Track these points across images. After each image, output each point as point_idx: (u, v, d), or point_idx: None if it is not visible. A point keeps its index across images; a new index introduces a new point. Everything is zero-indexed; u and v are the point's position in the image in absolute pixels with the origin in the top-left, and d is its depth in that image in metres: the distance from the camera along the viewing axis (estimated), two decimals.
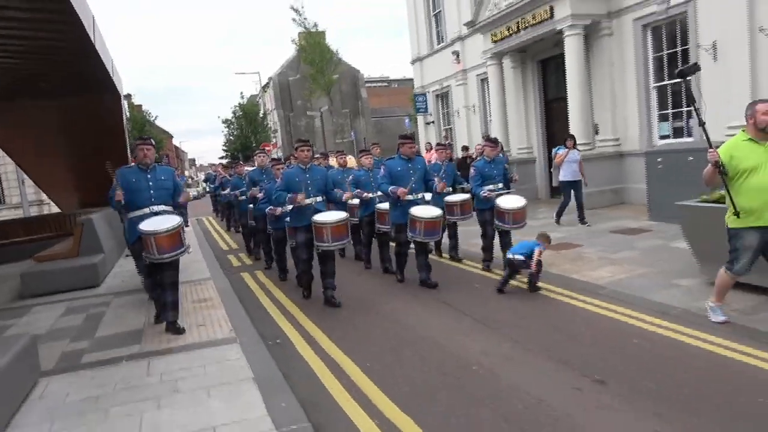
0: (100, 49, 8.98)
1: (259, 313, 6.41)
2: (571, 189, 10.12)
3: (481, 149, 8.42)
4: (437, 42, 19.71)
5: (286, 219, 7.14)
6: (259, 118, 42.38)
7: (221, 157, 47.67)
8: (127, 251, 10.58)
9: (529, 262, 6.20)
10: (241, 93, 48.79)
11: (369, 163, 8.43)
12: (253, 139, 40.37)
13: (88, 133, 11.85)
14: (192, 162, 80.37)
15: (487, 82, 15.93)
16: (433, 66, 20.00)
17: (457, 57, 17.80)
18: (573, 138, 10.43)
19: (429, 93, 20.65)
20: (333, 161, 11.59)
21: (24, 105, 11.33)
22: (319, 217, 6.19)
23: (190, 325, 5.68)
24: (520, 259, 6.24)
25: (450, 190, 8.02)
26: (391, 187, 6.72)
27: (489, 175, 7.38)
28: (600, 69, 12.40)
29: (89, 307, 7.05)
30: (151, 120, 40.62)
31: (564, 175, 10.15)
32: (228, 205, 13.94)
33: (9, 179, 24.32)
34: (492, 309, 5.75)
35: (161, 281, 5.50)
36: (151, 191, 5.51)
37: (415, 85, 21.67)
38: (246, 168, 11.35)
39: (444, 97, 20.12)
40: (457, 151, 16.58)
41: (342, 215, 6.28)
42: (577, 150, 10.44)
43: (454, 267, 7.99)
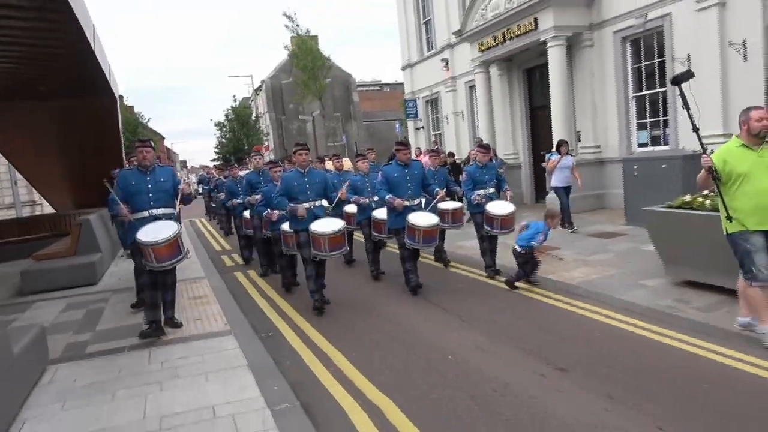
0: (99, 55, 9.31)
1: (252, 308, 6.77)
2: (564, 193, 10.27)
3: (475, 154, 8.77)
4: (427, 49, 20.16)
5: (283, 224, 7.14)
6: (252, 121, 42.68)
7: (213, 159, 47.90)
8: (122, 252, 10.92)
9: (528, 253, 6.56)
10: (234, 96, 48.96)
11: (365, 167, 8.50)
12: (246, 142, 40.67)
13: (84, 135, 12.14)
14: (183, 163, 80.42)
15: (475, 89, 16.38)
16: (423, 72, 20.45)
17: (446, 64, 18.24)
18: (566, 144, 10.59)
19: (419, 99, 21.09)
20: (329, 164, 11.63)
21: (22, 107, 11.60)
22: (316, 227, 6.19)
23: (187, 320, 6.02)
24: (517, 250, 6.65)
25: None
26: (389, 197, 6.79)
27: (480, 180, 7.52)
28: (582, 79, 12.88)
29: (89, 303, 7.37)
30: (144, 122, 40.83)
31: (556, 181, 10.30)
32: (224, 208, 14.07)
33: (2, 180, 24.41)
34: (470, 306, 6.14)
35: (162, 282, 5.61)
36: (150, 194, 5.53)
37: (406, 90, 22.11)
38: (240, 172, 11.51)
39: (433, 103, 20.57)
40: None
41: (339, 225, 6.29)
42: (571, 155, 10.60)
43: (440, 269, 8.38)
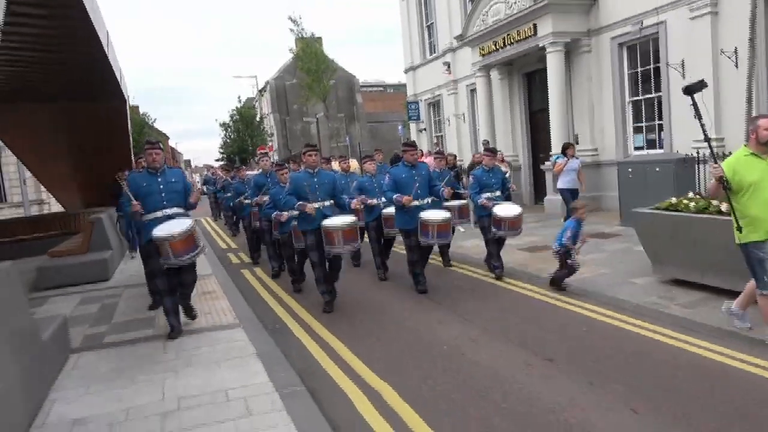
0: (112, 60, 9.67)
1: (259, 304, 7.11)
2: (570, 195, 10.33)
3: (480, 158, 8.99)
4: (430, 53, 20.50)
5: (293, 223, 7.16)
6: (256, 121, 43.10)
7: (218, 159, 48.35)
8: (130, 254, 11.22)
9: (564, 252, 6.55)
10: (239, 97, 49.47)
11: (372, 169, 8.54)
12: (250, 143, 41.07)
13: (94, 137, 12.50)
14: (188, 163, 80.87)
15: (476, 93, 16.71)
16: (425, 75, 20.79)
17: (448, 68, 18.56)
18: (572, 146, 10.65)
19: (421, 101, 21.42)
20: (335, 165, 11.68)
21: (33, 108, 11.98)
22: (328, 222, 6.23)
23: (197, 314, 6.35)
24: (554, 249, 6.71)
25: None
26: (396, 195, 6.85)
27: (487, 184, 7.55)
28: (580, 83, 13.20)
29: (103, 298, 7.72)
30: (149, 123, 41.29)
31: (562, 183, 10.41)
32: (230, 209, 13.88)
33: (11, 178, 24.85)
34: (466, 303, 6.46)
35: (183, 281, 5.70)
36: (163, 194, 5.57)
37: (408, 93, 22.45)
38: (248, 172, 11.71)
39: (435, 106, 20.90)
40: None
41: (351, 218, 6.37)
42: (576, 158, 10.67)
43: (441, 268, 8.68)
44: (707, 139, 4.67)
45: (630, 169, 10.31)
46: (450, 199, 7.75)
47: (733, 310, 4.90)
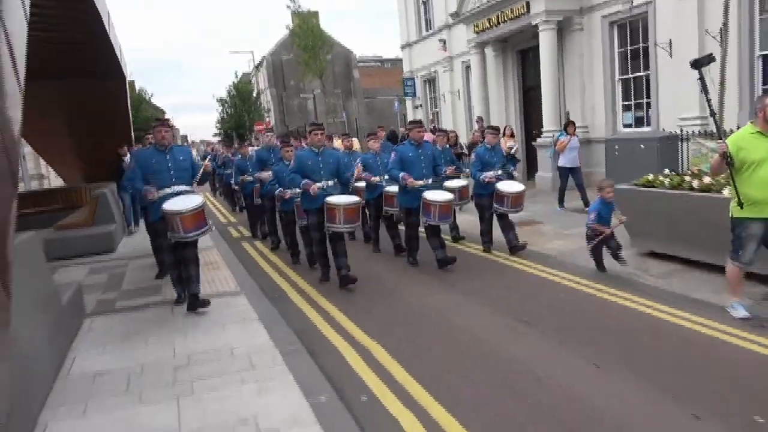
0: (113, 39, 9.90)
1: (259, 274, 7.52)
2: (569, 174, 10.39)
3: (480, 135, 9.15)
4: (426, 29, 20.59)
5: (296, 200, 7.24)
6: (253, 97, 43.11)
7: (215, 134, 48.39)
8: (130, 230, 11.51)
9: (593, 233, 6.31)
10: (236, 72, 49.29)
11: (376, 146, 8.54)
12: (247, 119, 41.15)
13: (95, 114, 12.76)
14: (184, 138, 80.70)
15: (471, 70, 16.90)
16: (421, 52, 20.91)
17: (444, 45, 18.71)
18: (574, 124, 10.63)
19: (417, 78, 21.59)
20: (338, 143, 11.67)
21: (34, 85, 12.18)
22: (331, 198, 6.28)
23: (201, 282, 6.74)
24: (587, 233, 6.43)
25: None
26: (402, 174, 6.82)
27: (489, 162, 7.52)
28: (571, 61, 13.43)
29: (110, 269, 8.12)
30: (147, 98, 41.28)
31: (564, 162, 10.35)
32: (230, 185, 13.63)
33: None
34: (454, 274, 6.85)
35: (184, 257, 5.69)
36: (172, 172, 5.62)
37: (405, 69, 22.59)
38: (251, 149, 11.45)
39: (431, 82, 21.08)
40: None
41: (355, 198, 6.43)
42: (577, 137, 10.63)
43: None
44: (713, 114, 4.79)
45: (617, 147, 10.67)
46: (451, 178, 7.86)
47: (735, 305, 4.79)
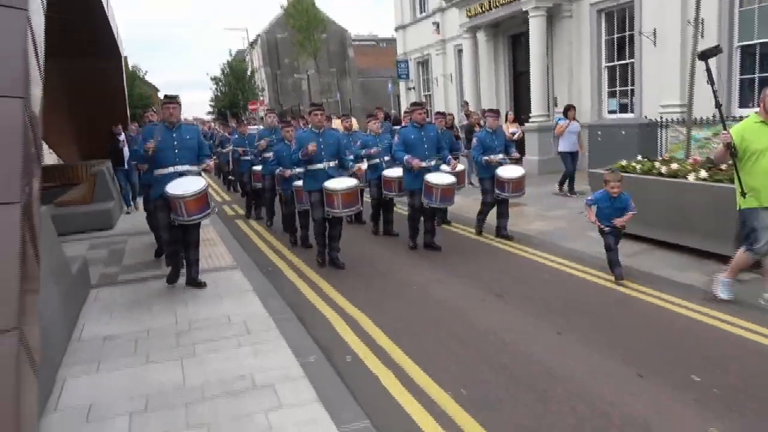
0: (111, 19, 10.11)
1: (253, 250, 7.91)
2: (570, 158, 10.42)
3: (479, 118, 9.14)
4: (420, 11, 20.75)
5: (296, 182, 7.31)
6: (248, 76, 43.06)
7: (209, 112, 48.32)
8: (127, 209, 11.75)
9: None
10: (230, 50, 49.05)
11: (376, 128, 8.52)
12: (241, 97, 41.15)
13: (92, 92, 12.95)
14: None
15: (463, 53, 17.15)
16: (415, 34, 21.09)
17: (437, 28, 18.91)
18: (574, 108, 10.62)
19: (411, 60, 21.80)
20: (337, 124, 11.64)
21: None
22: (330, 183, 6.30)
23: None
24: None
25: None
26: (407, 156, 6.85)
27: (490, 146, 7.50)
28: (560, 48, 13.74)
29: (110, 244, 8.48)
30: (141, 76, 41.14)
31: (563, 146, 10.39)
32: (228, 164, 13.90)
33: None
34: (441, 253, 7.26)
35: (186, 240, 5.75)
36: (176, 150, 5.57)
37: (398, 51, 22.77)
38: (250, 128, 11.34)
39: (424, 65, 21.30)
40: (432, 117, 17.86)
41: (353, 182, 6.43)
42: (577, 121, 10.65)
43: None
44: (718, 105, 4.85)
45: (599, 132, 11.06)
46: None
47: (725, 283, 4.91)
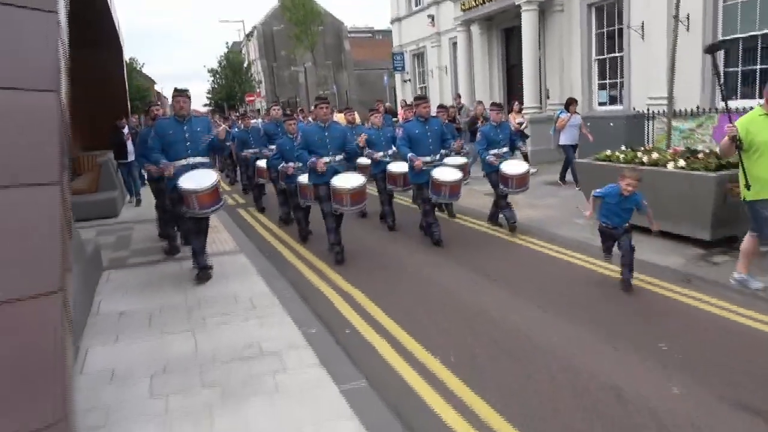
0: (113, 11, 10.38)
1: (255, 236, 8.25)
2: (572, 151, 10.41)
3: (481, 110, 9.13)
4: (415, 4, 21.03)
5: (299, 178, 7.26)
6: (244, 68, 43.21)
7: (205, 104, 48.46)
8: (129, 199, 11.99)
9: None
10: (227, 43, 49.15)
11: (378, 121, 8.52)
12: (238, 89, 41.31)
13: (93, 84, 13.21)
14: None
15: (458, 46, 17.47)
16: (410, 27, 21.38)
17: (432, 20, 19.21)
18: (575, 102, 10.68)
19: (406, 52, 22.08)
20: (339, 117, 11.67)
21: None
22: (337, 182, 6.29)
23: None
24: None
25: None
26: (410, 155, 6.80)
27: (494, 140, 7.47)
28: (552, 41, 14.07)
29: (117, 231, 8.81)
30: (138, 68, 41.27)
31: (565, 140, 10.44)
32: (230, 158, 13.98)
33: None
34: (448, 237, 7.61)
35: (198, 228, 5.88)
36: (188, 143, 5.66)
37: (394, 44, 23.05)
38: (253, 121, 11.47)
39: (420, 57, 21.60)
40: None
41: (360, 180, 6.42)
42: (578, 114, 10.72)
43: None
44: (724, 98, 5.00)
45: (589, 124, 11.36)
46: (458, 153, 7.86)
47: (737, 276, 5.02)
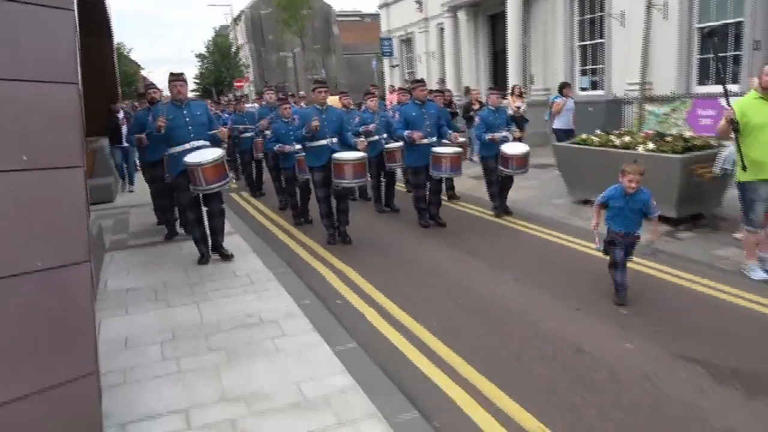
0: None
1: (248, 218, 8.61)
2: (564, 135, 10.33)
3: (477, 95, 9.30)
4: None
5: (297, 155, 7.39)
6: (232, 53, 43.09)
7: (193, 90, 48.23)
8: (128, 188, 12.11)
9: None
10: (215, 28, 48.86)
11: (374, 105, 8.55)
12: (226, 74, 41.24)
13: (85, 71, 13.34)
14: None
15: (444, 32, 17.75)
16: (398, 12, 21.59)
17: (420, 6, 19.43)
18: (569, 86, 10.75)
19: (394, 38, 22.31)
20: (333, 101, 11.39)
21: None
22: (339, 155, 6.33)
23: None
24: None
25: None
26: (407, 132, 6.87)
27: (493, 124, 7.48)
28: (536, 27, 14.42)
29: (114, 215, 9.12)
30: (125, 53, 41.01)
31: (559, 124, 10.51)
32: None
33: None
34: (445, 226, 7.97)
35: (211, 210, 5.92)
36: (189, 126, 5.70)
37: (382, 29, 23.26)
38: (247, 105, 11.41)
39: (408, 42, 21.84)
40: None
41: (361, 154, 6.46)
42: (572, 99, 10.73)
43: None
44: (723, 82, 5.17)
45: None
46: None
47: (752, 267, 5.03)
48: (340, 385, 3.36)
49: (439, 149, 7.00)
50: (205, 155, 5.55)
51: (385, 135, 8.05)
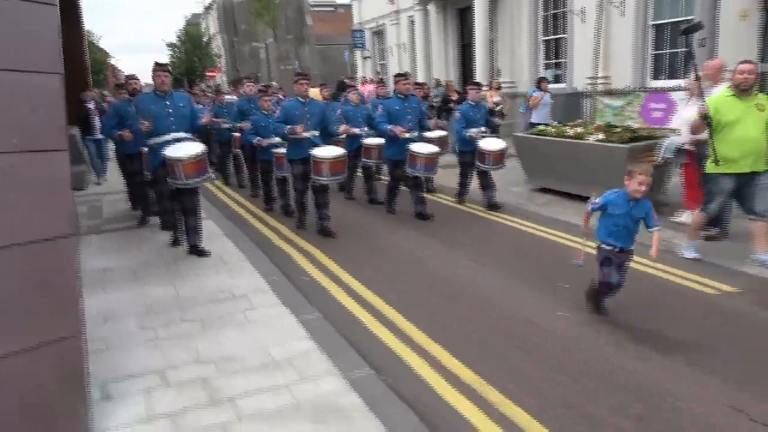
0: None
1: (220, 204, 8.89)
2: None
3: (453, 88, 9.34)
4: None
5: (274, 149, 7.40)
6: (204, 43, 42.69)
7: None
8: (97, 179, 12.03)
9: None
10: (186, 16, 48.24)
11: (356, 98, 8.70)
12: (198, 64, 40.89)
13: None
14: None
15: (415, 24, 18.11)
16: (370, 4, 21.86)
17: None
18: (546, 80, 10.99)
19: (366, 30, 22.58)
20: (314, 92, 11.37)
21: None
22: (318, 152, 6.31)
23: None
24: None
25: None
26: (390, 126, 6.91)
27: (473, 119, 7.58)
28: (503, 22, 14.89)
29: (87, 202, 9.26)
30: (94, 41, 40.25)
31: (537, 118, 10.65)
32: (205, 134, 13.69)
33: None
34: (405, 206, 8.30)
35: (185, 207, 5.86)
36: (172, 118, 5.66)
37: (354, 21, 23.50)
38: (227, 97, 11.40)
39: (380, 35, 22.13)
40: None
41: (341, 151, 6.46)
42: (549, 93, 10.90)
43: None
44: (698, 78, 5.25)
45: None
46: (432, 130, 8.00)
47: (687, 246, 5.43)
48: (303, 349, 3.75)
49: (417, 148, 7.01)
50: (186, 150, 5.51)
51: (366, 129, 8.09)
